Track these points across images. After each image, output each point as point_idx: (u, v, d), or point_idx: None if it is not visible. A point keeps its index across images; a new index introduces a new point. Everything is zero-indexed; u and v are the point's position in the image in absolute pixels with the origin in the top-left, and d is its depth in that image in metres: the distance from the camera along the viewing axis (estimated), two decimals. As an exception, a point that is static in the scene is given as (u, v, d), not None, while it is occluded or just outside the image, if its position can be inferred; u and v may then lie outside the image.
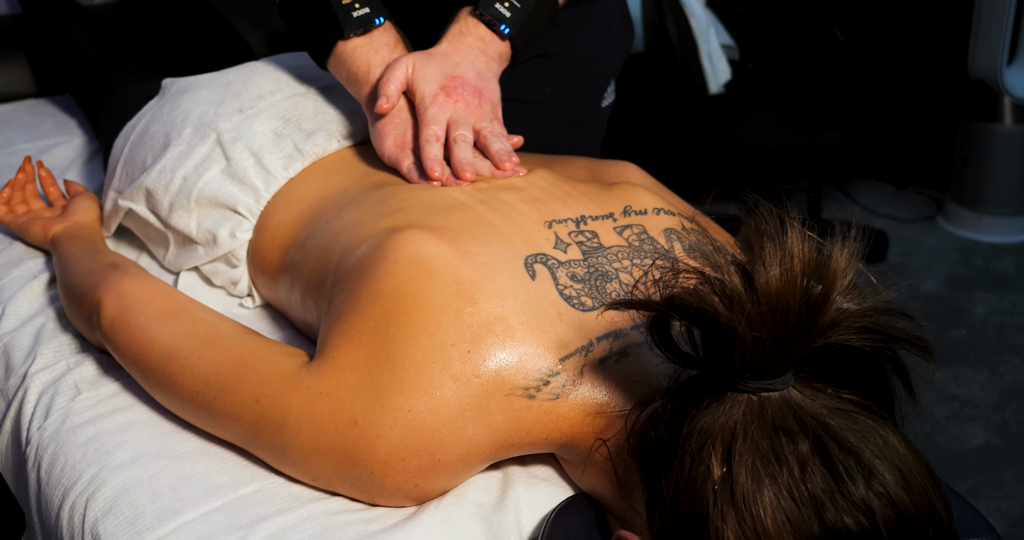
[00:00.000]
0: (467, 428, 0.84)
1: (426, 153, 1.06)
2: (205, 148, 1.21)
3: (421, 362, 0.83)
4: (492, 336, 0.85)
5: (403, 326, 0.85)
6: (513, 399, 0.84)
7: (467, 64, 1.12)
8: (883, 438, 0.67)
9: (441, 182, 1.05)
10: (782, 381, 0.69)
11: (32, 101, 1.95)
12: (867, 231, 0.71)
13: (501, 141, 1.09)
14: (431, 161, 1.06)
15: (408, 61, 1.10)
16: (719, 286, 0.67)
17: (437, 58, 1.11)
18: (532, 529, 0.87)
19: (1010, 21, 2.37)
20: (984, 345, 2.39)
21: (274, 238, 1.13)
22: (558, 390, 0.84)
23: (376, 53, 1.14)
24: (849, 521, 0.64)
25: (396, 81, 1.09)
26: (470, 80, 1.11)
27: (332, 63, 1.17)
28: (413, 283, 0.86)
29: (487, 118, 1.11)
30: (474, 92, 1.11)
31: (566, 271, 0.91)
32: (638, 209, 1.00)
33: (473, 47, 1.14)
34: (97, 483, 0.94)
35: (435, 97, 1.09)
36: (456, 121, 1.08)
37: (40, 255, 1.34)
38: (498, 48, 1.16)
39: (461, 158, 1.05)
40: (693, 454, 0.68)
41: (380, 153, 1.12)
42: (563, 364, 0.85)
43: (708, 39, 2.75)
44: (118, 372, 1.08)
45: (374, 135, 1.13)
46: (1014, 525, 1.88)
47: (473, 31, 1.14)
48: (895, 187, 3.18)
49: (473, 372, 0.83)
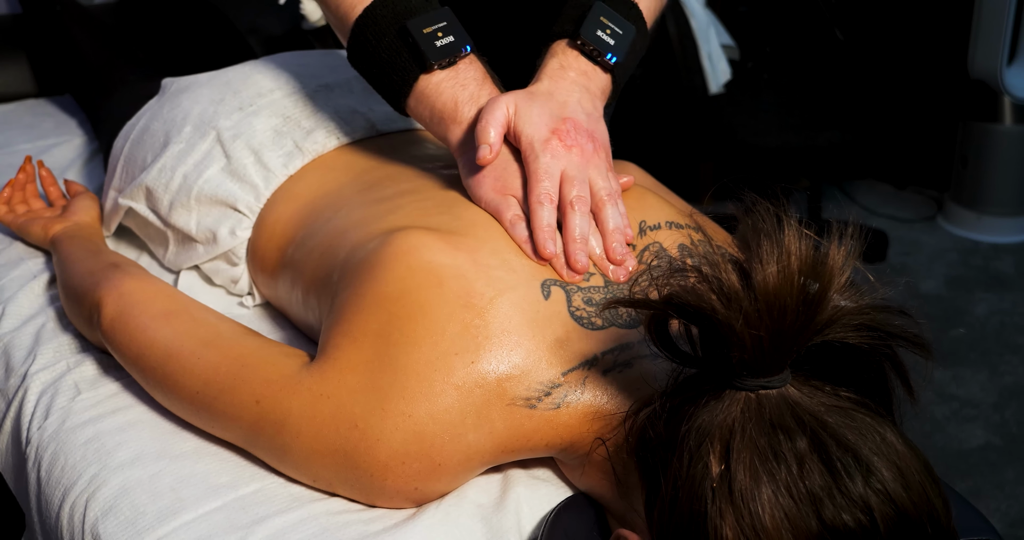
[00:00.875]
0: (468, 434, 0.84)
1: (538, 219, 0.93)
2: (205, 146, 1.21)
3: (424, 369, 0.83)
4: (497, 349, 0.84)
5: (408, 332, 0.84)
6: (514, 408, 0.84)
7: (574, 103, 0.99)
8: (881, 435, 0.67)
9: (549, 262, 0.92)
10: (780, 379, 0.69)
11: (32, 101, 1.95)
12: (865, 230, 0.71)
13: (618, 213, 0.95)
14: (544, 233, 0.92)
15: (508, 101, 0.97)
16: (716, 284, 0.67)
17: (541, 97, 0.98)
18: (532, 529, 0.87)
19: (1010, 21, 2.37)
20: (984, 345, 2.39)
21: (273, 236, 1.13)
22: (560, 400, 0.85)
23: (463, 88, 1.01)
24: (847, 518, 0.64)
25: (497, 125, 0.96)
26: (582, 122, 0.98)
27: (412, 101, 1.03)
28: (422, 290, 0.86)
29: (602, 171, 0.97)
30: (588, 136, 0.97)
31: (583, 296, 0.91)
32: (652, 224, 0.99)
33: (577, 83, 1.01)
34: (97, 483, 0.94)
35: (546, 143, 0.95)
36: (570, 176, 0.95)
37: (40, 255, 1.34)
38: (601, 83, 1.04)
39: (577, 235, 0.92)
40: (691, 452, 0.68)
41: (475, 198, 0.99)
42: (566, 377, 0.85)
43: (708, 39, 2.75)
44: (118, 372, 1.09)
45: (468, 178, 1.00)
46: (1014, 525, 1.87)
47: (575, 65, 1.03)
48: (895, 187, 3.18)
49: (476, 382, 0.83)
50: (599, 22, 1.03)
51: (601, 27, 1.03)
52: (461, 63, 1.02)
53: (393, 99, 1.05)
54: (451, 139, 1.01)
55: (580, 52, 1.03)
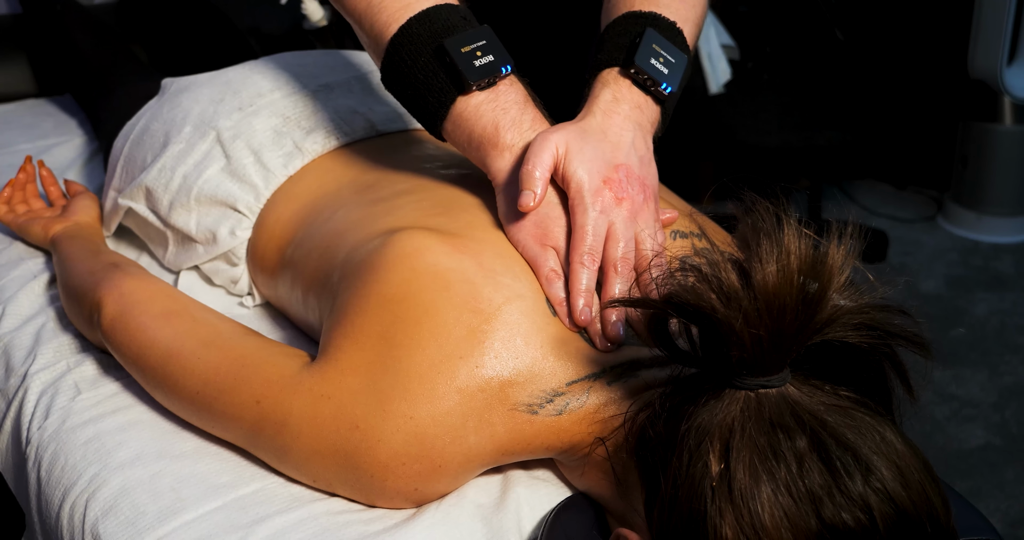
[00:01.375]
0: (469, 437, 0.84)
1: (576, 282, 0.88)
2: (205, 146, 1.21)
3: (427, 371, 0.83)
4: (503, 355, 0.84)
5: (412, 334, 0.84)
6: (516, 413, 0.84)
7: (627, 145, 0.93)
8: (881, 435, 0.67)
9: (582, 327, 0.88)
10: (779, 378, 0.69)
11: (32, 101, 1.95)
12: (865, 230, 0.71)
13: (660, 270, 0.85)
14: (581, 297, 0.87)
15: (559, 141, 0.90)
16: (716, 283, 0.67)
17: (594, 137, 0.92)
18: (532, 529, 0.87)
19: (1010, 21, 2.37)
20: (984, 345, 2.39)
21: (272, 236, 1.13)
22: (562, 407, 0.84)
23: (504, 113, 0.94)
24: (847, 517, 0.64)
25: (544, 168, 0.89)
26: (635, 169, 0.92)
27: (450, 125, 0.96)
28: (427, 293, 0.85)
29: (651, 224, 0.92)
30: (640, 186, 0.92)
31: None
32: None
33: (630, 119, 0.95)
34: (97, 483, 0.94)
35: (597, 194, 0.89)
36: (617, 233, 0.89)
37: (40, 255, 1.34)
38: (653, 116, 0.99)
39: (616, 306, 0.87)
40: (691, 451, 0.68)
41: (512, 240, 0.93)
42: (570, 387, 0.85)
43: (708, 39, 2.75)
44: (118, 372, 1.09)
45: (506, 216, 0.94)
46: (1014, 525, 1.87)
47: (628, 97, 0.97)
48: (895, 187, 3.17)
49: (479, 386, 0.83)
50: (652, 50, 0.97)
51: (655, 55, 0.97)
52: (501, 84, 0.96)
53: (429, 123, 0.99)
54: (491, 167, 0.95)
55: (633, 82, 0.97)
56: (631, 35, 0.99)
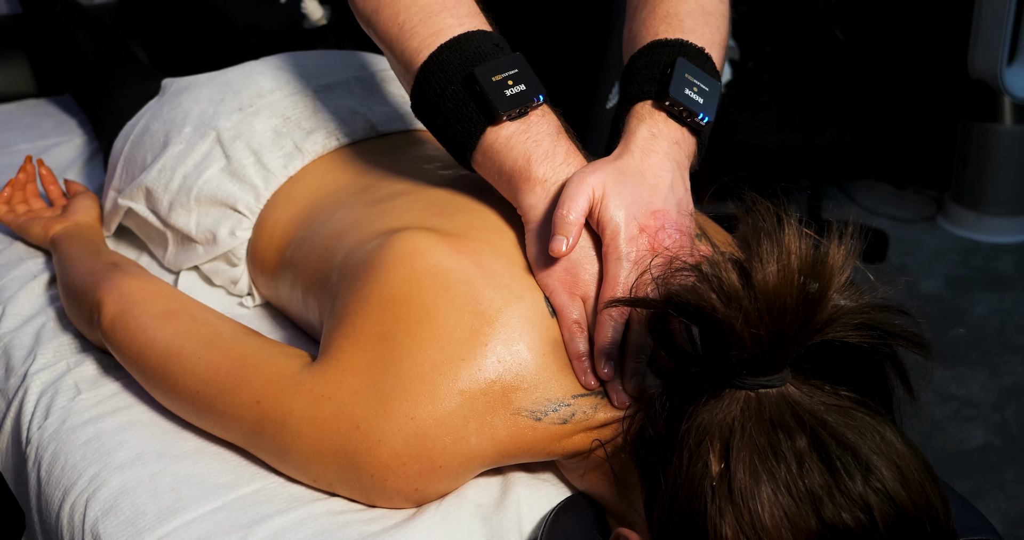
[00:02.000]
0: (470, 438, 0.83)
1: (602, 335, 0.84)
2: (205, 146, 1.21)
3: (428, 372, 0.83)
4: (505, 359, 0.83)
5: (413, 335, 0.84)
6: (519, 418, 0.83)
7: (666, 188, 0.89)
8: (881, 434, 0.67)
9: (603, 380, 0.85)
10: (780, 378, 0.69)
11: (32, 101, 1.95)
12: (865, 229, 0.71)
13: None
14: (604, 355, 0.84)
15: (596, 182, 0.86)
16: (716, 283, 0.68)
17: (632, 179, 0.88)
18: (532, 529, 0.87)
19: (1010, 21, 2.37)
20: (984, 345, 2.39)
21: (272, 237, 1.13)
22: (567, 417, 0.84)
23: (537, 145, 0.90)
24: (847, 517, 0.65)
25: (579, 212, 0.85)
26: (672, 216, 0.88)
27: (479, 156, 0.93)
28: (428, 294, 0.85)
29: None
30: (677, 235, 0.87)
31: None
32: None
33: (669, 157, 0.91)
34: (97, 483, 0.94)
35: (632, 242, 0.85)
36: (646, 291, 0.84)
37: (40, 255, 1.34)
38: (690, 150, 0.95)
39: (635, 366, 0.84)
40: (691, 451, 0.68)
41: (539, 282, 0.89)
42: (576, 400, 0.84)
43: (708, 39, 2.75)
44: (118, 372, 1.09)
45: (535, 257, 0.90)
46: (1014, 525, 1.87)
47: (665, 132, 0.92)
48: (895, 187, 3.17)
49: (481, 389, 0.83)
50: (686, 80, 0.93)
51: (688, 85, 0.93)
52: (533, 115, 0.92)
53: (459, 154, 0.95)
54: (522, 202, 0.91)
55: (668, 114, 0.93)
56: (661, 65, 0.95)
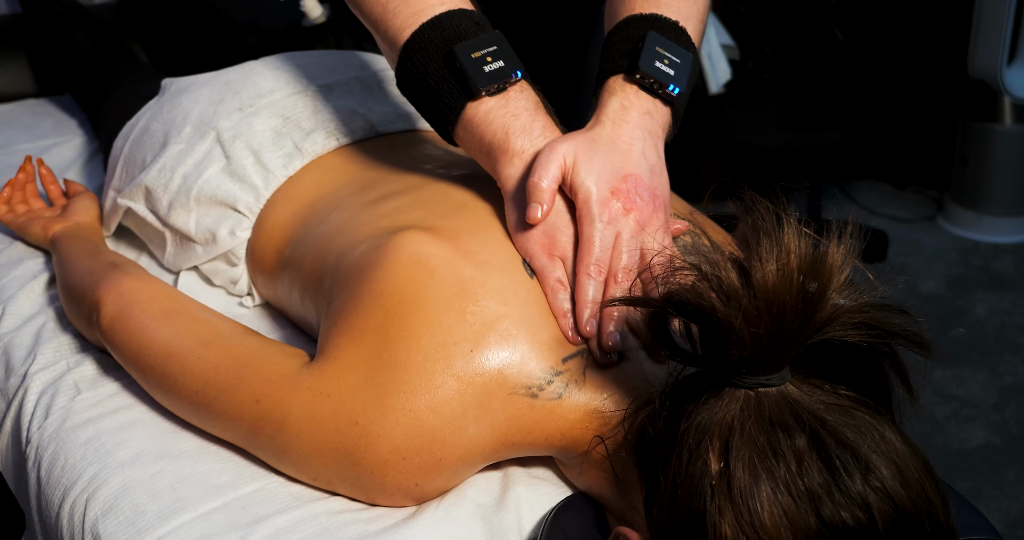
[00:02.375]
0: (469, 427, 0.84)
1: (583, 293, 0.87)
2: (205, 146, 1.21)
3: (423, 362, 0.83)
4: (495, 334, 0.85)
5: (405, 326, 0.85)
6: (516, 398, 0.84)
7: (638, 154, 0.92)
8: (880, 434, 0.67)
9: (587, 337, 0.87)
10: (779, 377, 0.69)
11: (32, 101, 1.95)
12: (865, 230, 0.71)
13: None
14: (586, 309, 0.87)
15: (567, 150, 0.90)
16: (716, 282, 0.68)
17: (603, 147, 0.91)
18: (532, 528, 0.87)
19: (1010, 21, 2.37)
20: (984, 345, 2.39)
21: (271, 237, 1.13)
22: (560, 390, 0.84)
23: (515, 119, 0.94)
24: (846, 516, 0.64)
25: (552, 179, 0.89)
26: (644, 180, 0.91)
27: (460, 131, 0.96)
28: (415, 283, 0.86)
29: (659, 236, 0.91)
30: (649, 196, 0.91)
31: None
32: None
33: (640, 126, 0.94)
34: (97, 483, 0.94)
35: (604, 205, 0.89)
36: (624, 245, 0.89)
37: (40, 255, 1.35)
38: (663, 120, 0.97)
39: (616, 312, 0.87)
40: (691, 450, 0.68)
41: (519, 248, 0.92)
42: (566, 364, 0.85)
43: (708, 39, 2.75)
44: (118, 372, 1.09)
45: (515, 228, 0.93)
46: (1014, 525, 1.87)
47: (636, 103, 0.95)
48: (895, 187, 3.17)
49: (476, 371, 0.83)
50: (656, 52, 0.96)
51: (659, 58, 0.96)
52: (512, 90, 0.95)
53: (441, 128, 0.98)
54: (500, 174, 0.95)
55: (640, 86, 0.96)
56: (634, 39, 0.98)
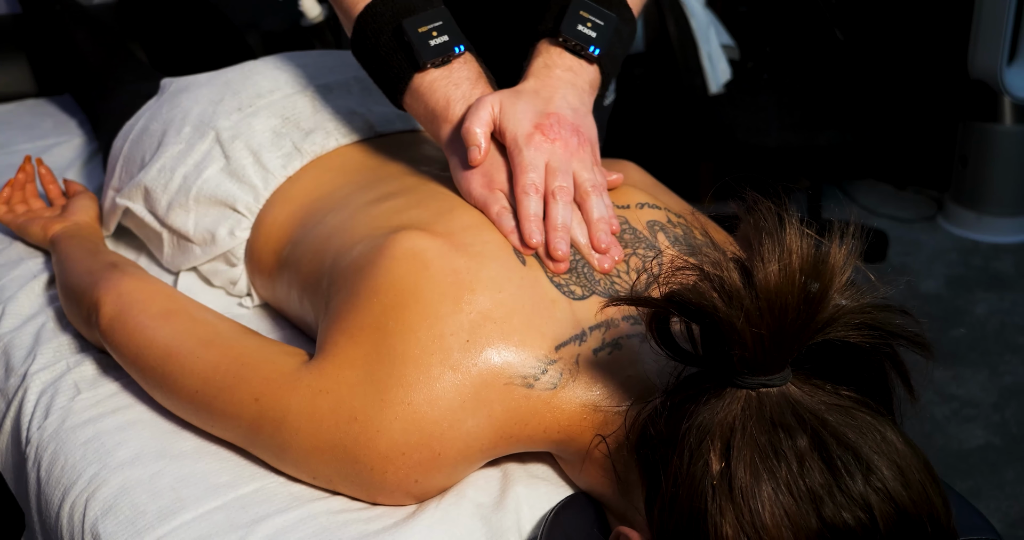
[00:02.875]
0: (467, 421, 0.84)
1: (524, 208, 0.94)
2: (204, 146, 1.21)
3: (420, 354, 0.84)
4: (491, 323, 0.85)
5: (402, 320, 0.85)
6: (512, 388, 0.84)
7: (559, 99, 1.00)
8: (881, 434, 0.67)
9: (535, 251, 0.93)
10: (780, 377, 0.69)
11: (32, 101, 1.95)
12: (866, 229, 0.71)
13: (602, 202, 0.96)
14: (530, 222, 0.93)
15: (494, 100, 0.99)
16: (718, 282, 0.68)
17: (526, 95, 1.00)
18: (532, 528, 0.87)
19: (1010, 21, 2.37)
20: (984, 345, 2.39)
21: (269, 238, 1.13)
22: (556, 380, 0.85)
23: (456, 87, 1.02)
24: (847, 516, 0.64)
25: (483, 124, 0.98)
26: (566, 117, 0.99)
27: (408, 99, 1.05)
28: (410, 276, 0.87)
29: (588, 164, 0.98)
30: (572, 130, 0.98)
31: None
32: (620, 204, 1.01)
33: (563, 80, 1.02)
34: (97, 482, 0.94)
35: (530, 137, 0.97)
36: (554, 168, 0.96)
37: (40, 255, 1.34)
38: (588, 76, 1.05)
39: (559, 223, 0.93)
40: (692, 449, 0.68)
41: (465, 194, 1.00)
42: (559, 352, 0.86)
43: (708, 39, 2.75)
44: (118, 372, 1.09)
45: (458, 176, 1.01)
46: (1014, 525, 1.87)
47: (559, 62, 1.04)
48: (895, 187, 3.18)
49: (472, 361, 0.84)
50: (579, 16, 1.04)
51: (581, 21, 1.04)
52: (455, 62, 1.03)
53: (391, 96, 1.07)
54: (442, 137, 1.03)
55: (564, 48, 1.04)
56: (562, 4, 1.06)
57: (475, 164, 0.98)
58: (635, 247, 0.96)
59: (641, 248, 0.96)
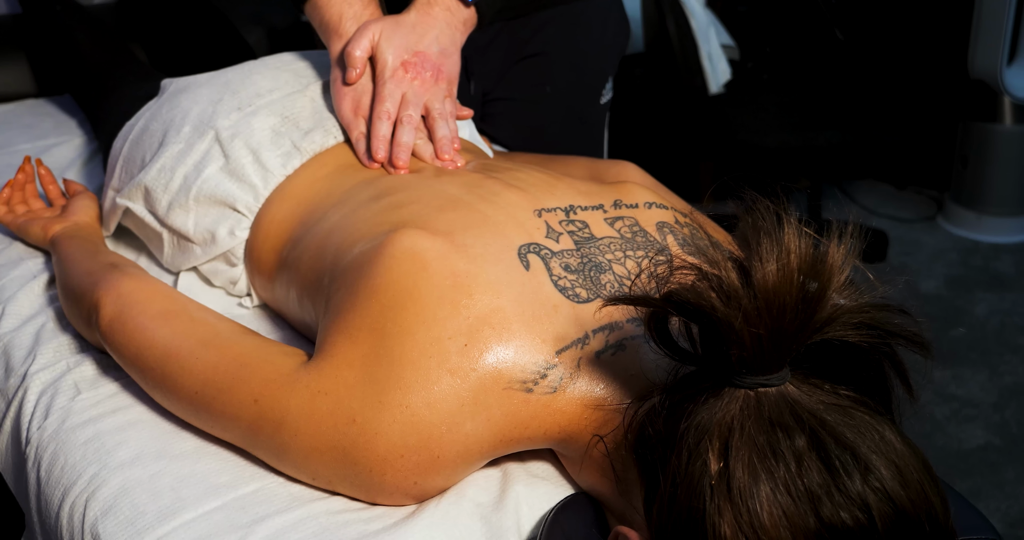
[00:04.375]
0: (465, 424, 0.84)
1: (375, 130, 1.13)
2: (204, 146, 1.21)
3: (418, 357, 0.83)
4: (488, 328, 0.85)
5: (400, 321, 0.85)
6: (511, 393, 0.84)
7: (431, 38, 1.16)
8: (880, 434, 0.67)
9: (380, 164, 1.13)
10: (779, 377, 0.69)
11: (32, 101, 1.95)
12: (865, 229, 0.71)
13: (447, 126, 1.14)
14: (378, 141, 1.13)
15: (376, 28, 1.14)
16: (716, 282, 0.67)
17: (404, 28, 1.15)
18: (531, 528, 0.87)
19: (1010, 21, 2.37)
20: (984, 345, 2.39)
21: (268, 237, 1.13)
22: (555, 384, 0.85)
23: (350, 7, 1.19)
24: (845, 516, 0.64)
25: (362, 49, 1.14)
26: (431, 56, 1.16)
27: (308, 8, 1.22)
28: (409, 277, 0.86)
29: (440, 97, 1.16)
30: (433, 69, 1.16)
31: (559, 261, 0.92)
32: (629, 202, 1.00)
33: (439, 19, 1.17)
34: (97, 483, 0.93)
35: (394, 72, 1.14)
36: (408, 100, 1.14)
37: (40, 255, 1.34)
38: (463, 16, 1.20)
39: (402, 141, 1.12)
40: (690, 449, 0.68)
41: (336, 110, 1.18)
42: (560, 357, 0.85)
43: (708, 39, 2.76)
44: (118, 372, 1.08)
45: (334, 94, 1.19)
46: (1014, 525, 1.87)
47: (439, 1, 1.18)
48: (895, 187, 3.18)
49: (470, 366, 0.84)
50: None
51: None
52: None
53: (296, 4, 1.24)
54: (332, 51, 1.20)
55: None
56: None
57: (351, 82, 1.16)
58: (647, 251, 0.96)
59: (652, 252, 0.96)
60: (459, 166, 1.13)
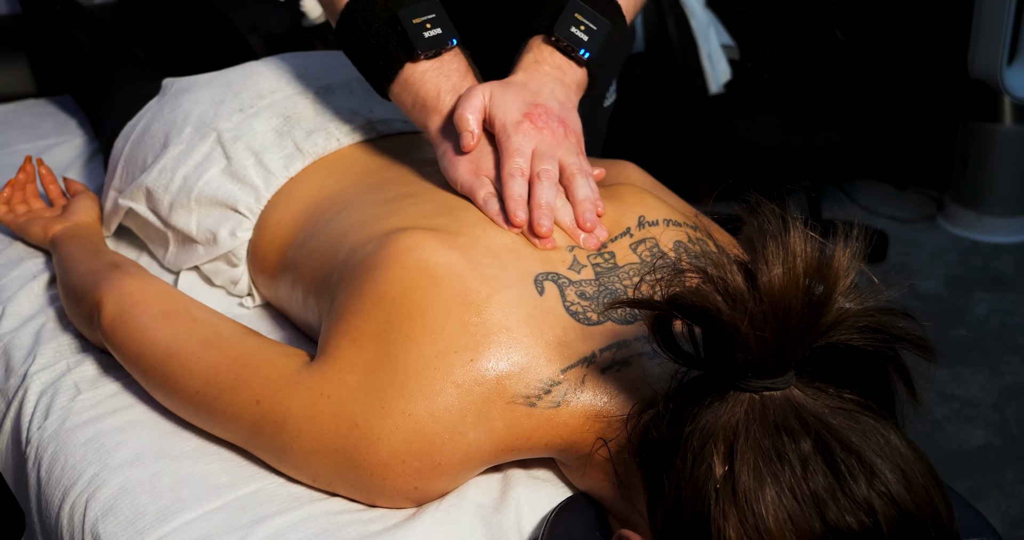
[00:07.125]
0: (468, 433, 0.84)
1: (509, 190, 0.97)
2: (205, 147, 1.21)
3: (423, 367, 0.83)
4: (495, 346, 0.85)
5: (406, 331, 0.85)
6: (514, 407, 0.84)
7: (547, 92, 1.03)
8: (885, 438, 0.67)
9: (520, 230, 0.96)
10: (784, 380, 0.69)
11: (32, 101, 1.95)
12: (868, 231, 0.71)
13: (588, 186, 0.99)
14: (515, 202, 0.96)
15: (485, 90, 1.01)
16: (721, 285, 0.67)
17: (515, 86, 1.03)
18: (532, 529, 0.87)
19: (1010, 21, 2.37)
20: (984, 345, 2.39)
21: (273, 238, 1.13)
22: (559, 398, 0.84)
23: (447, 79, 1.05)
24: (851, 520, 0.64)
25: (475, 111, 1.01)
26: (553, 109, 1.02)
27: (396, 88, 1.07)
28: (419, 290, 0.86)
29: (573, 152, 1.01)
30: (559, 122, 1.02)
31: (575, 289, 0.91)
32: (651, 220, 0.99)
33: (551, 76, 1.05)
34: (97, 483, 0.94)
35: (518, 125, 1.00)
36: (541, 153, 0.99)
37: (40, 255, 1.34)
38: (576, 76, 1.07)
39: (543, 202, 0.95)
40: (695, 453, 0.68)
41: (452, 181, 1.02)
42: (565, 374, 0.85)
43: (708, 39, 2.75)
44: (118, 372, 1.08)
45: (446, 164, 1.03)
46: (1014, 525, 1.88)
47: (549, 59, 1.06)
48: (895, 187, 3.18)
49: (475, 380, 0.83)
50: (573, 18, 1.06)
51: (575, 23, 1.06)
52: (446, 55, 1.05)
53: (377, 84, 1.08)
54: (431, 127, 1.05)
55: (555, 48, 1.07)
56: (559, 4, 1.08)
57: (467, 150, 1.01)
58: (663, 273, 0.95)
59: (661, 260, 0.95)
60: (602, 239, 0.96)
